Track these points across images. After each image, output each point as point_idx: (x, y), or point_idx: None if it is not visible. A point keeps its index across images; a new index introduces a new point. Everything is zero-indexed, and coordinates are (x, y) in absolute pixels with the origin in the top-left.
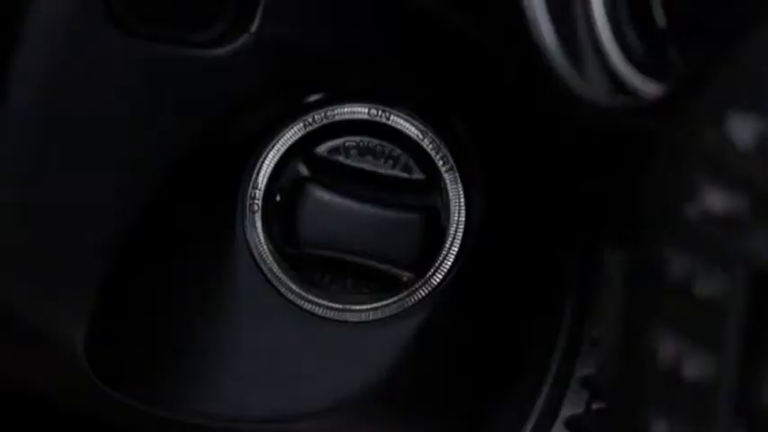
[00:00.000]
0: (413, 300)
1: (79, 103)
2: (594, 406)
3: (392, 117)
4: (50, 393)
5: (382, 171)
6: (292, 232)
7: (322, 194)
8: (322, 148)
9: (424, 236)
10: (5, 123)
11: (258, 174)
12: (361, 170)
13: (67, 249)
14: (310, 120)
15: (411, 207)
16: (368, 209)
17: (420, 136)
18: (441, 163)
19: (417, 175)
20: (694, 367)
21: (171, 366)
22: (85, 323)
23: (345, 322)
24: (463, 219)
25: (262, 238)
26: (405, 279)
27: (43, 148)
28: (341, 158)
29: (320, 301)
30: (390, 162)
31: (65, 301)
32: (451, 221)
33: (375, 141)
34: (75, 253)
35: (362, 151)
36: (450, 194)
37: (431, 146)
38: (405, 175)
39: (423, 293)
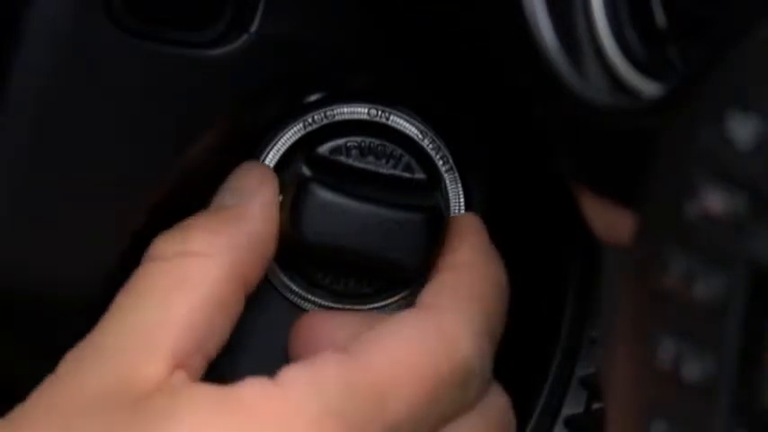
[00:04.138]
0: (414, 299)
1: (79, 103)
2: (594, 406)
3: (392, 117)
4: None
5: (384, 171)
6: (293, 232)
7: (324, 194)
8: (324, 148)
9: (425, 236)
10: (5, 123)
11: None
12: (363, 170)
13: (67, 250)
14: (310, 120)
15: (413, 207)
16: (369, 208)
17: (420, 136)
18: (441, 163)
19: (419, 176)
20: (694, 368)
21: None
22: (86, 323)
23: None
24: (463, 213)
25: None
26: (406, 278)
27: (42, 149)
28: (342, 158)
29: (321, 301)
30: (392, 162)
31: (65, 302)
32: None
33: (377, 141)
34: (75, 253)
35: (364, 151)
36: (450, 194)
37: (431, 146)
38: (407, 175)
39: None
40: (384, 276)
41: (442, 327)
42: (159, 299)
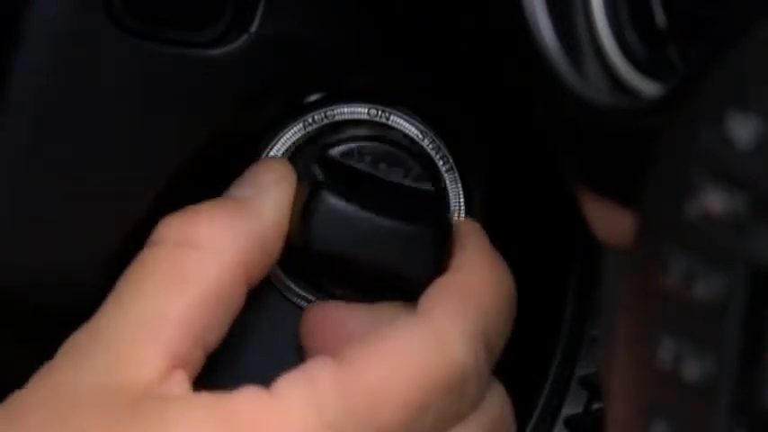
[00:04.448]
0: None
1: (78, 103)
2: (594, 406)
3: (392, 117)
4: None
5: (395, 180)
6: (301, 237)
7: (334, 202)
8: (335, 151)
9: (434, 249)
10: (5, 123)
11: None
12: (375, 178)
13: (67, 250)
14: (310, 120)
15: (422, 219)
16: (379, 220)
17: (420, 136)
18: (441, 163)
19: (428, 187)
20: (694, 368)
21: None
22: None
23: None
24: (463, 219)
25: None
26: (412, 290)
27: (42, 149)
28: (353, 163)
29: None
30: (402, 171)
31: (65, 302)
32: (451, 221)
33: (387, 148)
34: (75, 253)
35: (377, 158)
36: (451, 194)
37: (431, 146)
38: (416, 185)
39: None
40: (390, 288)
41: (435, 333)
42: (159, 290)
